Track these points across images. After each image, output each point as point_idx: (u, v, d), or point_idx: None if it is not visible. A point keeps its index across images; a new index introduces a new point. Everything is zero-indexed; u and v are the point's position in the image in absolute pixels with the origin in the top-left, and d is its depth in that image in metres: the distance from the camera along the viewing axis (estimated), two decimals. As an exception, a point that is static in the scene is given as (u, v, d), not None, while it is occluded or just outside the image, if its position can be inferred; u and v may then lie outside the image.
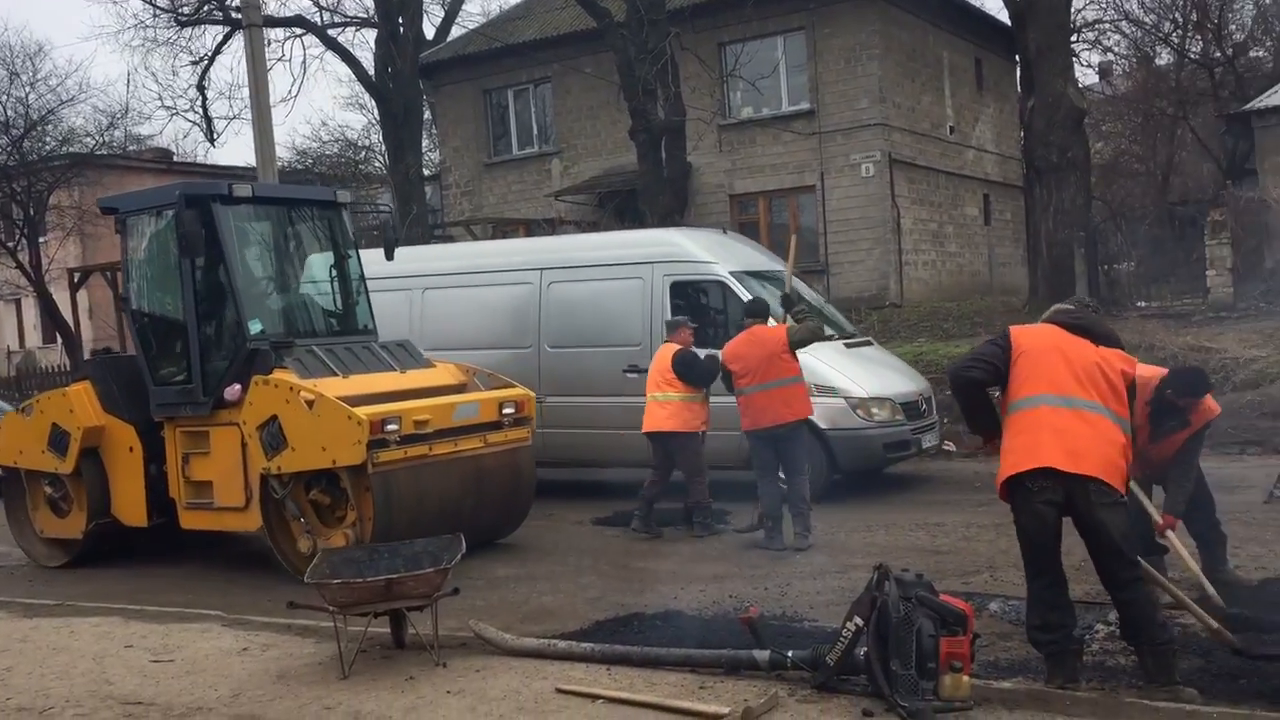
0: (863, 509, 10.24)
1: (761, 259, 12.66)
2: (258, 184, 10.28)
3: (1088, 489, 4.86)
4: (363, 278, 10.12)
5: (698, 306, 11.51)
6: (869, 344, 12.43)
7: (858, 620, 4.83)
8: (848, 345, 11.75)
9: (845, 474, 10.95)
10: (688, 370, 9.60)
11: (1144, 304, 19.21)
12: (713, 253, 11.83)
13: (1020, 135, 21.94)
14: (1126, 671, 5.50)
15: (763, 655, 5.24)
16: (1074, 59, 25.20)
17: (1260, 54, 32.04)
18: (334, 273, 10.05)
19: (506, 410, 9.36)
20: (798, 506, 9.01)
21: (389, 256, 10.70)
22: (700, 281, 11.58)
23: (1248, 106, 22.24)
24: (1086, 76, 34.06)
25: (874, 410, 10.78)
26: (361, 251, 10.64)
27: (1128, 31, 32.39)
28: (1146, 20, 31.57)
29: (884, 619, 4.73)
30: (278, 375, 8.63)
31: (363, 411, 8.20)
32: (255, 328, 8.99)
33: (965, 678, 4.63)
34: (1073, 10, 24.05)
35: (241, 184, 9.42)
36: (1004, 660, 5.79)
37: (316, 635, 6.57)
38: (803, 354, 10.78)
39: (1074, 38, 28.00)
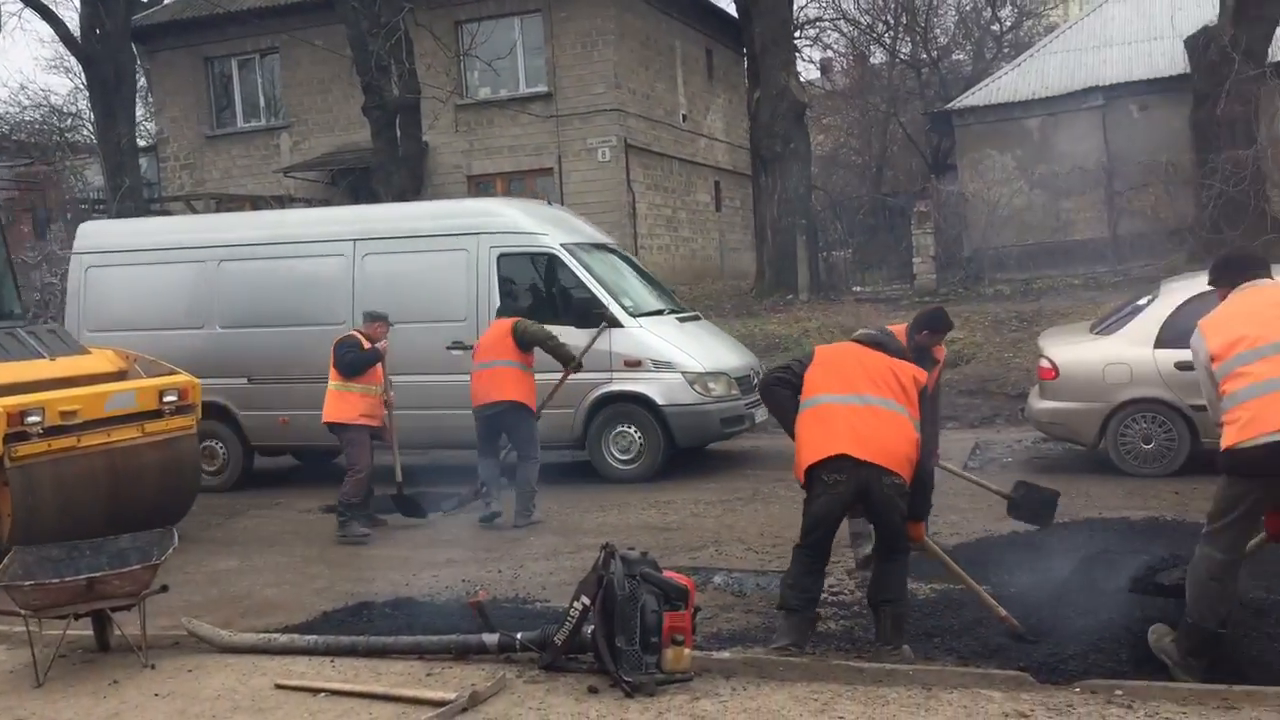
0: (596, 489, 10.40)
1: (589, 230, 12.49)
2: None
3: (882, 480, 5.15)
4: (9, 259, 9.40)
5: (527, 280, 11.25)
6: (698, 318, 12.43)
7: (584, 599, 4.90)
8: (680, 320, 11.68)
9: (682, 450, 10.93)
10: (337, 357, 9.29)
11: (859, 289, 20.44)
12: (543, 224, 11.49)
13: (748, 125, 22.80)
14: (837, 636, 5.85)
15: (492, 639, 5.23)
16: (796, 54, 26.38)
17: (961, 57, 34.61)
18: None
19: (168, 398, 8.86)
20: (522, 488, 9.12)
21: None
22: (531, 254, 11.22)
23: (949, 106, 23.96)
24: (809, 71, 35.80)
25: (711, 385, 10.75)
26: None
27: (845, 30, 34.27)
28: (862, 20, 33.48)
29: (609, 597, 4.81)
30: None
31: None
32: None
33: (687, 650, 4.78)
34: (795, 7, 25.21)
35: None
36: (726, 631, 6.03)
37: (8, 641, 6.04)
38: (640, 330, 10.76)
39: (796, 34, 29.34)
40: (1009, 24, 33.77)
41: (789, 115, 19.73)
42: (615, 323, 10.66)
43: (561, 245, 11.14)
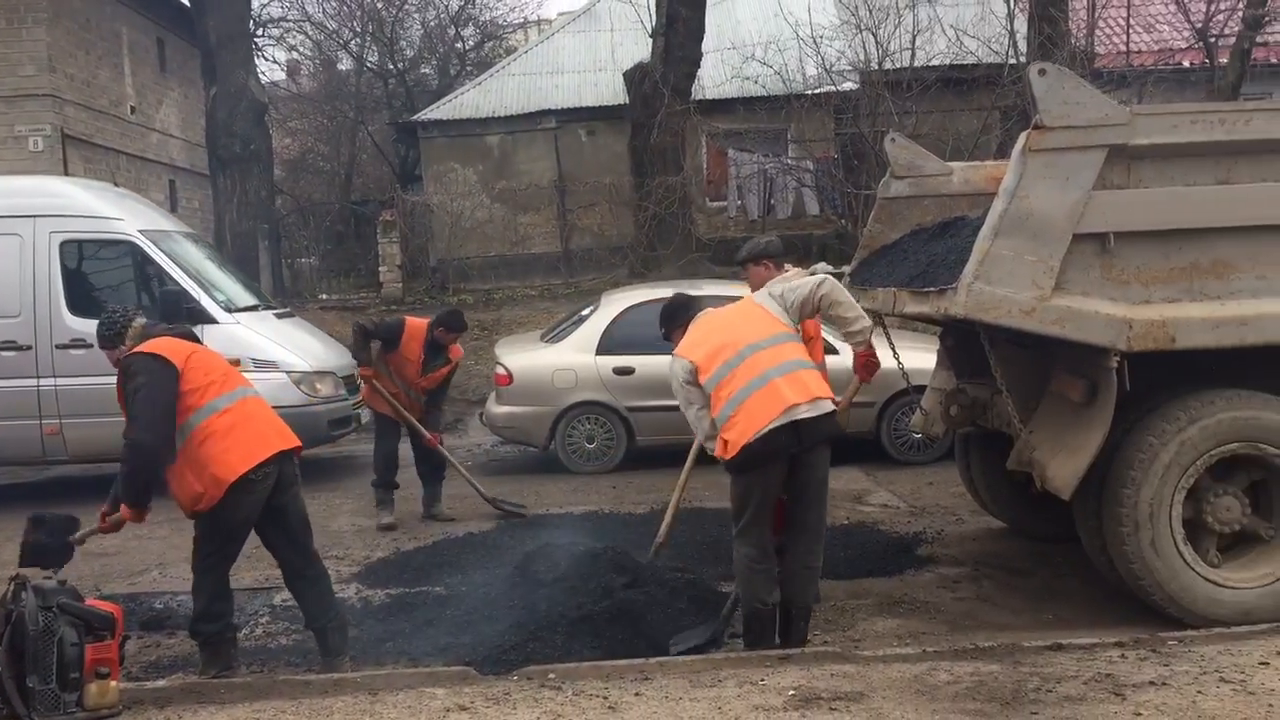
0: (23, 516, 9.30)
1: (167, 217, 11.25)
2: None
3: (292, 461, 5.19)
4: None
5: (97, 270, 9.90)
6: (291, 315, 11.44)
7: (-12, 640, 4.36)
8: (277, 316, 10.72)
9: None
10: None
11: (325, 297, 20.10)
12: (116, 208, 10.17)
13: (205, 123, 21.61)
14: (288, 650, 5.71)
15: None
16: (258, 53, 25.47)
17: (428, 71, 35.25)
18: None
19: None
20: None
21: None
22: (102, 241, 9.87)
23: (415, 118, 24.31)
24: (274, 72, 34.65)
25: (318, 385, 9.95)
26: None
27: (311, 34, 33.56)
28: (328, 25, 32.99)
29: (19, 633, 4.33)
30: None
31: None
32: None
33: (113, 683, 4.41)
34: (256, 4, 24.33)
35: None
36: (166, 658, 5.68)
37: None
38: (237, 326, 10.04)
39: (258, 32, 28.31)
40: (472, 43, 34.94)
41: (249, 115, 18.96)
42: (208, 319, 9.73)
43: (140, 232, 10.03)
